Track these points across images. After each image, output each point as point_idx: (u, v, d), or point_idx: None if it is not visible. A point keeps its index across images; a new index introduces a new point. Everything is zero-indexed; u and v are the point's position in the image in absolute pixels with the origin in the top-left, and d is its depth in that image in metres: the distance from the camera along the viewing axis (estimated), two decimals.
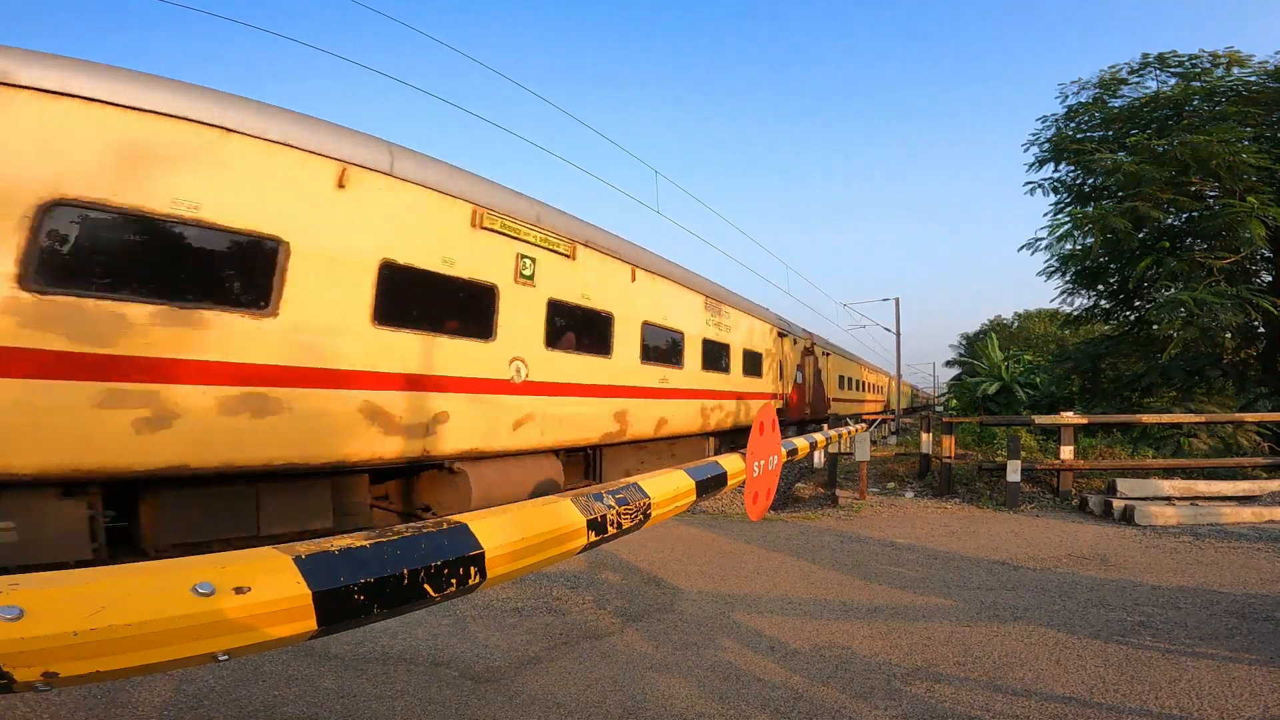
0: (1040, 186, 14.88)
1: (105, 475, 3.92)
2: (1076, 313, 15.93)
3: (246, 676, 3.24)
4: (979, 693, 3.16)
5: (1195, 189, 12.06)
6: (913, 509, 8.47)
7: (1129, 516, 7.47)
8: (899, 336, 24.92)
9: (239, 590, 1.01)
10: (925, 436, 10.59)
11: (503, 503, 3.77)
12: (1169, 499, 7.89)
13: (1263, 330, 12.82)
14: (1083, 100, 14.07)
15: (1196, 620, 4.22)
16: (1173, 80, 13.03)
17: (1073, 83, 14.19)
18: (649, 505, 2.17)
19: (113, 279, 3.89)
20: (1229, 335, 13.14)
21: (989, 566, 5.63)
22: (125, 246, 3.97)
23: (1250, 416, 10.47)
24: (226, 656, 1.01)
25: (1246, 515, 7.44)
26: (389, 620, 3.17)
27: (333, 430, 4.87)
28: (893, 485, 10.15)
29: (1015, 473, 8.48)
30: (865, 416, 24.85)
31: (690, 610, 4.43)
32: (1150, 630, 4.04)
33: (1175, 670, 3.41)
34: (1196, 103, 12.60)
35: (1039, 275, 14.96)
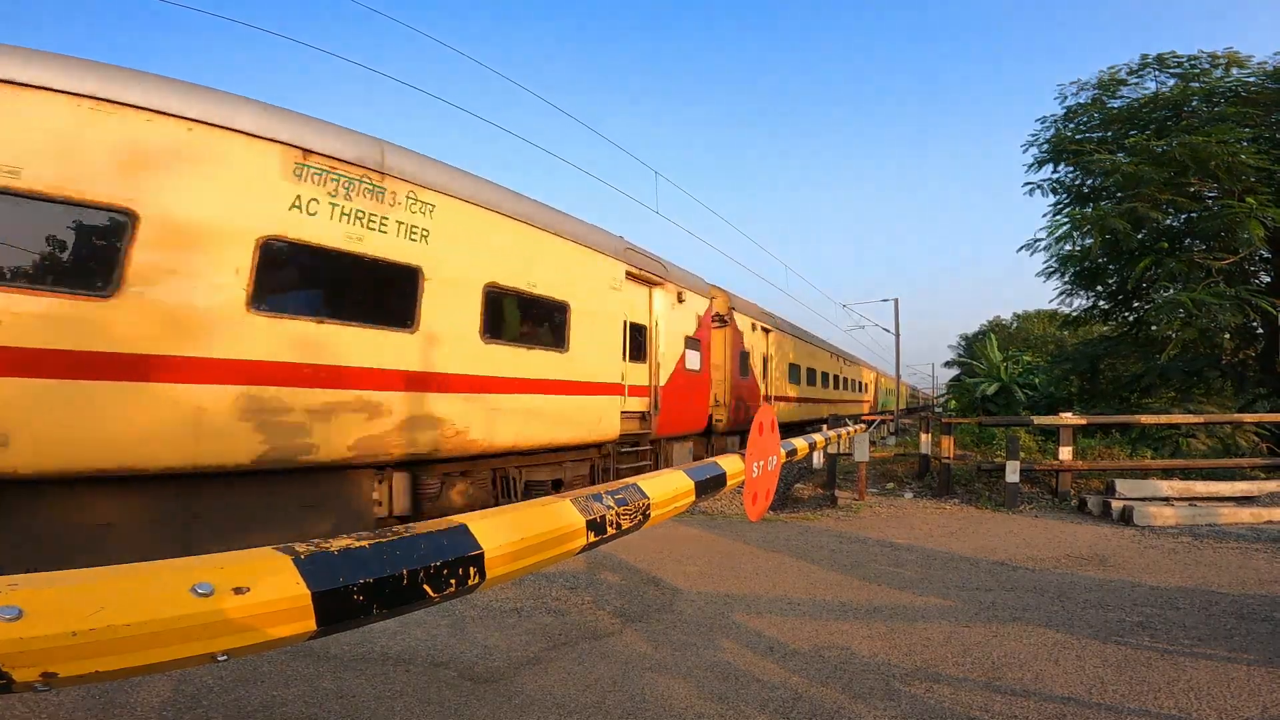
0: (1039, 187, 14.87)
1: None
2: (1075, 313, 15.92)
3: (245, 677, 3.24)
4: (978, 693, 3.17)
5: (1194, 190, 12.07)
6: (912, 509, 8.48)
7: (1127, 517, 7.48)
8: (898, 337, 24.97)
9: (238, 590, 1.00)
10: (924, 437, 10.61)
11: None
12: (1167, 499, 7.90)
13: (1261, 331, 12.83)
14: (1082, 101, 14.07)
15: (1195, 620, 4.23)
16: (1172, 81, 13.04)
17: (1072, 83, 14.20)
18: (648, 506, 2.17)
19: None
20: (1227, 336, 13.16)
21: (988, 567, 5.64)
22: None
23: (1249, 417, 10.48)
24: (226, 657, 1.01)
25: (1245, 516, 7.45)
26: (388, 621, 3.17)
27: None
28: (892, 486, 10.16)
29: (1014, 473, 8.49)
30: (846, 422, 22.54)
31: (689, 611, 4.43)
32: (1149, 630, 4.05)
33: (1174, 670, 3.42)
34: (1195, 103, 12.61)
35: (1038, 276, 14.98)
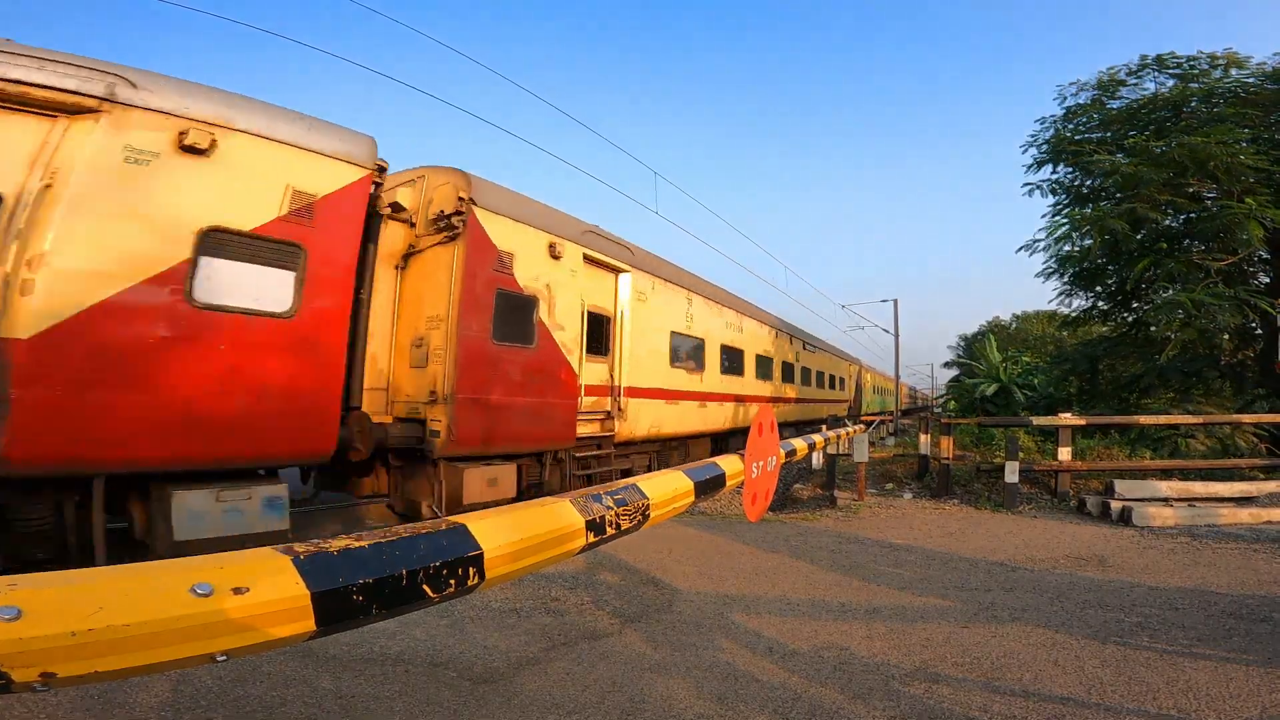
0: (1039, 188, 14.87)
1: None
2: (1074, 314, 15.91)
3: (244, 677, 3.24)
4: (977, 693, 3.17)
5: (1193, 190, 12.06)
6: (911, 510, 8.48)
7: (1127, 517, 7.48)
8: (898, 337, 24.98)
9: (238, 590, 1.00)
10: (923, 437, 10.61)
11: None
12: (1166, 500, 7.90)
13: (1260, 331, 12.83)
14: (1081, 102, 14.06)
15: (1194, 621, 4.23)
16: (1171, 82, 13.03)
17: (1071, 84, 14.20)
18: (648, 506, 2.16)
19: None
20: (1227, 336, 13.14)
21: (987, 567, 5.64)
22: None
23: (1248, 418, 10.48)
24: (225, 657, 1.01)
25: (1244, 516, 7.46)
26: (387, 621, 3.16)
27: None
28: (891, 486, 10.16)
29: (1013, 474, 8.50)
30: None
31: (689, 611, 4.43)
32: (1148, 631, 4.05)
33: (1173, 671, 3.42)
34: (1195, 104, 12.61)
35: (1037, 277, 14.97)
